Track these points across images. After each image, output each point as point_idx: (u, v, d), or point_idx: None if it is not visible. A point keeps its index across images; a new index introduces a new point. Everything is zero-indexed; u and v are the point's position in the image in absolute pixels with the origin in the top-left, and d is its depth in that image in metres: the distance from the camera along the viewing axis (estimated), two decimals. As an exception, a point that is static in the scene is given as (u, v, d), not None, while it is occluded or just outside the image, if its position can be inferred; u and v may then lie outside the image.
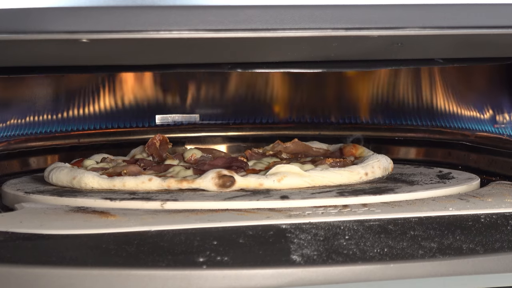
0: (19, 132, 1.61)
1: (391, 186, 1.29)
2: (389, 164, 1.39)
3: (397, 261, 0.94)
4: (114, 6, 1.03)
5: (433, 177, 1.39)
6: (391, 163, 1.41)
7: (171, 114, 1.79)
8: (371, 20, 1.08)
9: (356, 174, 1.32)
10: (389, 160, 1.40)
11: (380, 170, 1.35)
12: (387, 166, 1.38)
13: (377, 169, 1.35)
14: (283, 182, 1.27)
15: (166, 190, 1.26)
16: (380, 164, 1.36)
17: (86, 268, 0.90)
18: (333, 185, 1.29)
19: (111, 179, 1.28)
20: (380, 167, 1.35)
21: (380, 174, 1.35)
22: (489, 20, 1.10)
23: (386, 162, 1.38)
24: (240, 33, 1.06)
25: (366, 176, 1.33)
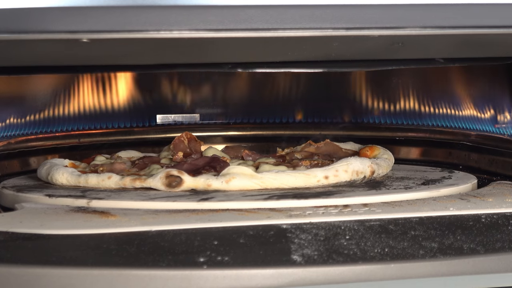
0: (19, 132, 1.61)
1: (344, 190, 1.25)
2: (367, 167, 1.33)
3: (398, 261, 0.94)
4: (114, 6, 1.03)
5: (415, 182, 1.34)
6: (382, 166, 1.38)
7: (171, 114, 1.79)
8: (371, 20, 1.08)
9: (313, 177, 1.28)
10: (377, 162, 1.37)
11: (346, 174, 1.29)
12: (363, 169, 1.32)
13: (342, 172, 1.29)
14: (231, 183, 1.26)
15: (124, 189, 1.28)
16: (348, 168, 1.30)
17: (86, 268, 0.90)
18: (287, 187, 1.27)
19: (78, 176, 1.32)
20: (347, 171, 1.29)
21: (348, 178, 1.30)
22: (490, 19, 1.10)
23: (361, 165, 1.32)
24: (240, 33, 1.06)
25: (327, 179, 1.28)
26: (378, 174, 1.37)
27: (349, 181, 1.31)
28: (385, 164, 1.41)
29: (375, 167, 1.35)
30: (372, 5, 1.08)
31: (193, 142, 1.51)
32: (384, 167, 1.40)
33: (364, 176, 1.33)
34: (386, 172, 1.41)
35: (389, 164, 1.44)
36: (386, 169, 1.41)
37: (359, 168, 1.32)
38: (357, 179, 1.32)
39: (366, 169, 1.33)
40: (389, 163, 1.43)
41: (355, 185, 1.31)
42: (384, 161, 1.41)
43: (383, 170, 1.39)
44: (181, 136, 1.52)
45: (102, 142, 1.71)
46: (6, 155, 1.56)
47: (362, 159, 1.34)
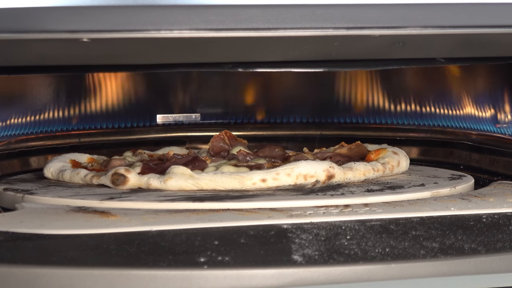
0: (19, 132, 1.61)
1: (278, 193, 1.23)
2: (322, 171, 1.27)
3: (399, 261, 0.94)
4: (115, 5, 1.03)
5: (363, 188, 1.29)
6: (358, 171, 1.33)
7: (172, 113, 1.79)
8: (372, 20, 1.08)
9: (248, 180, 1.25)
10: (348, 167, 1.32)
11: (290, 178, 1.25)
12: (314, 173, 1.27)
13: (284, 176, 1.25)
14: (168, 183, 1.26)
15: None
16: (293, 171, 1.26)
17: (86, 268, 0.90)
18: (223, 189, 1.26)
19: (58, 172, 1.39)
20: (290, 174, 1.25)
21: (292, 182, 1.26)
22: (491, 19, 1.10)
23: (312, 169, 1.27)
24: (241, 33, 1.06)
25: (264, 182, 1.25)
26: (348, 178, 1.31)
27: (295, 185, 1.26)
28: (365, 168, 1.35)
29: (336, 171, 1.30)
30: (373, 4, 1.08)
31: (232, 140, 1.51)
32: (361, 171, 1.34)
33: (317, 180, 1.27)
34: (369, 176, 1.35)
35: (388, 167, 1.39)
36: (374, 173, 1.36)
37: (309, 172, 1.27)
38: (305, 184, 1.27)
39: (320, 173, 1.28)
40: (388, 166, 1.39)
41: (305, 189, 1.26)
42: (367, 165, 1.36)
43: (358, 175, 1.33)
44: (220, 134, 1.51)
45: (102, 142, 1.71)
46: (7, 154, 1.56)
47: (315, 163, 1.29)
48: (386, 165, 1.40)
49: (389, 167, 1.40)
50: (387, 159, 1.41)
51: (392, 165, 1.41)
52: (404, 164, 1.44)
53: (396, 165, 1.41)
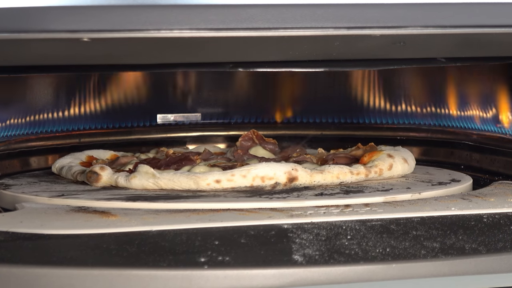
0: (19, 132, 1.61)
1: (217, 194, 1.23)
2: (283, 174, 1.26)
3: (400, 261, 0.94)
4: (115, 5, 1.03)
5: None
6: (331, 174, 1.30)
7: (172, 113, 1.79)
8: (373, 19, 1.08)
9: (203, 181, 1.25)
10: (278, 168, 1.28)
11: (245, 179, 1.25)
12: (273, 175, 1.26)
13: (239, 177, 1.25)
14: (132, 181, 1.28)
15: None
16: (249, 173, 1.25)
17: (86, 268, 0.90)
18: (180, 189, 1.26)
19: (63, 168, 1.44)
20: (246, 176, 1.25)
21: (248, 184, 1.25)
22: (492, 19, 1.10)
23: (271, 171, 1.26)
24: (241, 32, 1.06)
25: (218, 183, 1.25)
26: (316, 181, 1.29)
27: (251, 187, 1.26)
28: (340, 171, 1.31)
29: (300, 173, 1.28)
30: (374, 4, 1.08)
31: (260, 139, 1.50)
32: (334, 174, 1.30)
33: (277, 182, 1.26)
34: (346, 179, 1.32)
35: (374, 170, 1.35)
36: (352, 176, 1.32)
37: (267, 174, 1.26)
38: (263, 186, 1.26)
39: (281, 175, 1.26)
40: (375, 169, 1.35)
41: (263, 191, 1.25)
42: (343, 168, 1.32)
43: (330, 178, 1.30)
44: (248, 133, 1.51)
45: (102, 142, 1.71)
46: (7, 154, 1.56)
47: (277, 165, 1.27)
48: (373, 168, 1.35)
49: (375, 170, 1.35)
50: (377, 162, 1.37)
51: (381, 168, 1.36)
52: (400, 168, 1.39)
53: (386, 168, 1.37)
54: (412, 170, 1.43)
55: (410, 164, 1.42)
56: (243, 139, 1.51)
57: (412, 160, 1.44)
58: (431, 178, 1.39)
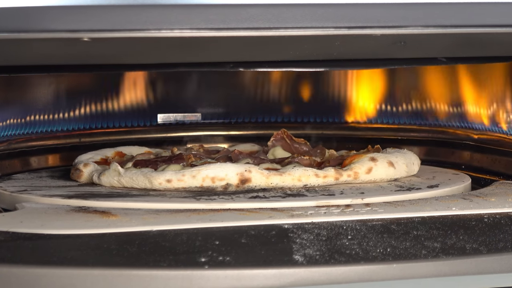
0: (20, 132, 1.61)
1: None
2: (235, 175, 1.26)
3: (400, 261, 0.94)
4: (115, 4, 1.03)
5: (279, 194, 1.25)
6: (292, 176, 1.27)
7: (172, 113, 1.79)
8: (373, 19, 1.07)
9: (155, 180, 1.26)
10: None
11: (195, 180, 1.25)
12: (225, 176, 1.25)
13: (189, 178, 1.25)
14: (102, 178, 1.32)
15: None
16: (199, 173, 1.25)
17: (87, 268, 0.90)
18: (138, 187, 1.28)
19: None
20: (195, 176, 1.25)
21: (198, 184, 1.25)
22: (493, 18, 1.10)
23: (223, 172, 1.25)
24: (242, 32, 1.06)
25: (169, 183, 1.26)
26: (273, 183, 1.27)
27: (202, 187, 1.26)
28: (302, 173, 1.29)
29: (253, 175, 1.26)
30: (374, 4, 1.07)
31: (290, 139, 1.50)
32: (295, 177, 1.28)
33: (228, 184, 1.26)
34: (309, 182, 1.29)
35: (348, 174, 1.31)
36: (317, 179, 1.29)
37: (217, 175, 1.25)
38: (214, 186, 1.26)
39: (233, 176, 1.26)
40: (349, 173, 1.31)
41: (216, 192, 1.25)
42: (307, 170, 1.29)
43: (289, 181, 1.28)
44: (279, 133, 1.50)
45: (103, 142, 1.70)
46: (7, 154, 1.56)
47: (229, 166, 1.27)
48: (347, 171, 1.31)
49: (349, 174, 1.31)
50: (353, 165, 1.33)
51: (356, 172, 1.31)
52: (382, 171, 1.33)
53: (364, 172, 1.32)
54: (401, 174, 1.36)
55: (399, 168, 1.35)
56: (275, 139, 1.50)
57: (405, 165, 1.37)
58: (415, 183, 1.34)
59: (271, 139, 1.51)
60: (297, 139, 1.52)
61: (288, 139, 1.50)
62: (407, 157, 1.39)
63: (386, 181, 1.35)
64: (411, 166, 1.39)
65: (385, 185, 1.32)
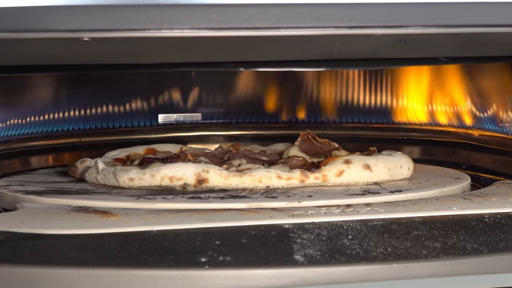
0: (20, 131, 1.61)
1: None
2: (192, 175, 1.26)
3: (401, 261, 0.94)
4: (115, 4, 1.02)
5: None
6: (252, 178, 1.27)
7: (173, 113, 1.79)
8: (374, 19, 1.07)
9: (120, 178, 1.29)
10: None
11: (154, 179, 1.27)
12: (182, 176, 1.26)
13: (149, 176, 1.27)
14: (86, 175, 1.36)
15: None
16: (158, 173, 1.26)
17: (87, 268, 0.90)
18: (110, 185, 1.32)
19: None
20: (154, 175, 1.26)
21: (158, 183, 1.27)
22: (494, 18, 1.09)
23: (180, 172, 1.26)
24: (242, 32, 1.06)
25: (132, 181, 1.28)
26: (233, 184, 1.26)
27: (161, 186, 1.27)
28: (263, 175, 1.27)
29: (211, 175, 1.26)
30: (375, 3, 1.07)
31: (313, 139, 1.50)
32: (256, 178, 1.27)
33: (186, 183, 1.26)
34: (272, 184, 1.27)
35: (315, 176, 1.28)
36: (279, 181, 1.28)
37: (175, 175, 1.26)
38: (173, 186, 1.27)
39: (190, 176, 1.26)
40: (316, 175, 1.28)
41: (175, 191, 1.25)
42: (270, 172, 1.28)
43: (249, 182, 1.27)
44: (304, 134, 1.48)
45: (103, 142, 1.71)
46: (7, 154, 1.56)
47: (187, 166, 1.27)
48: (315, 174, 1.29)
49: (316, 176, 1.29)
50: (324, 167, 1.30)
51: (324, 174, 1.29)
52: (356, 175, 1.30)
53: (334, 175, 1.29)
54: (381, 178, 1.32)
55: (378, 171, 1.31)
56: (302, 139, 1.49)
57: (386, 168, 1.32)
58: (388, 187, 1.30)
59: (298, 139, 1.49)
60: (320, 140, 1.49)
61: (312, 139, 1.49)
62: (393, 160, 1.34)
63: (364, 184, 1.31)
64: (396, 170, 1.34)
65: (353, 188, 1.28)
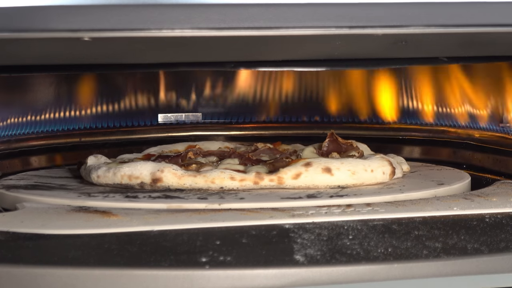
0: (20, 131, 1.61)
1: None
2: (149, 174, 1.27)
3: (401, 261, 0.94)
4: (116, 4, 1.02)
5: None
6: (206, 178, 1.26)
7: (173, 113, 1.79)
8: (375, 18, 1.07)
9: (92, 174, 1.34)
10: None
11: (115, 177, 1.30)
12: (139, 175, 1.28)
13: (111, 174, 1.31)
14: (80, 171, 1.40)
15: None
16: (119, 172, 1.29)
17: (88, 268, 0.89)
18: (89, 182, 1.35)
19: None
20: (116, 174, 1.30)
21: (118, 181, 1.30)
22: (494, 18, 1.09)
23: (137, 171, 1.28)
24: (243, 32, 1.06)
25: (99, 178, 1.32)
26: (187, 184, 1.26)
27: (121, 184, 1.29)
28: (216, 175, 1.26)
29: (165, 175, 1.27)
30: (376, 3, 1.07)
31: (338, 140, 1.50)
32: (209, 178, 1.26)
33: (142, 182, 1.28)
34: (225, 185, 1.26)
35: (270, 178, 1.27)
36: (232, 182, 1.26)
37: (133, 173, 1.29)
38: (132, 184, 1.29)
39: (146, 176, 1.28)
40: (272, 177, 1.26)
41: (134, 189, 1.28)
42: (225, 173, 1.26)
43: (202, 182, 1.26)
44: (329, 136, 1.47)
45: (103, 142, 1.71)
46: (7, 154, 1.56)
47: (145, 165, 1.29)
48: (271, 176, 1.27)
49: (271, 178, 1.27)
50: (282, 169, 1.28)
51: (281, 176, 1.27)
52: (316, 178, 1.27)
53: (290, 177, 1.26)
54: (345, 182, 1.28)
55: (340, 175, 1.27)
56: (330, 140, 1.49)
57: (350, 172, 1.28)
58: (338, 191, 1.27)
59: (326, 140, 1.47)
60: (344, 141, 1.47)
61: (337, 139, 1.49)
62: (363, 164, 1.30)
63: (325, 188, 1.28)
64: (365, 174, 1.29)
65: (311, 191, 1.25)
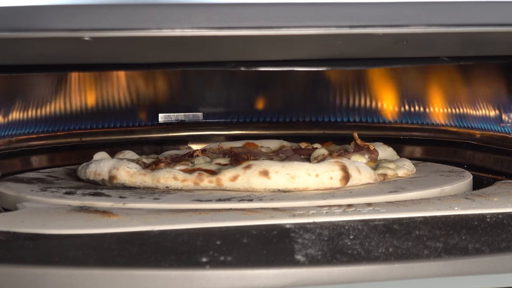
0: (20, 131, 1.61)
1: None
2: (108, 171, 1.32)
3: (402, 261, 0.93)
4: (116, 4, 1.02)
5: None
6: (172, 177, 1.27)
7: (173, 112, 1.79)
8: (376, 18, 1.07)
9: (79, 172, 1.39)
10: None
11: (86, 174, 1.36)
12: (101, 172, 1.33)
13: (83, 171, 1.38)
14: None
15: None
16: (88, 168, 1.35)
17: (88, 268, 0.89)
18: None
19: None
20: (86, 171, 1.36)
21: (92, 177, 1.35)
22: (496, 17, 1.09)
23: (100, 168, 1.33)
24: (243, 31, 1.06)
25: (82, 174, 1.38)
26: (136, 182, 1.29)
27: (89, 181, 1.36)
28: (161, 175, 1.27)
29: (120, 172, 1.30)
30: (376, 3, 1.07)
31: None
32: (166, 177, 1.27)
33: (103, 179, 1.32)
34: (188, 185, 1.26)
35: (210, 179, 1.26)
36: (193, 182, 1.26)
37: (96, 170, 1.35)
38: (96, 180, 1.34)
39: (106, 173, 1.33)
40: (212, 179, 1.26)
41: (92, 187, 1.31)
42: (191, 175, 1.26)
43: (165, 181, 1.27)
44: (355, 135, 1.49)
45: (104, 141, 1.71)
46: (8, 154, 1.56)
47: (108, 162, 1.34)
48: (211, 177, 1.27)
49: (210, 180, 1.27)
50: (223, 171, 1.27)
51: (219, 178, 1.26)
52: (254, 181, 1.25)
53: (228, 179, 1.26)
54: (283, 186, 1.25)
55: (278, 179, 1.24)
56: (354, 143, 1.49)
57: (289, 175, 1.25)
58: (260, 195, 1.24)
59: (351, 144, 1.46)
60: (363, 143, 1.47)
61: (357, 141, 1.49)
62: (307, 168, 1.26)
63: (263, 191, 1.25)
64: (308, 178, 1.25)
65: (244, 194, 1.23)
